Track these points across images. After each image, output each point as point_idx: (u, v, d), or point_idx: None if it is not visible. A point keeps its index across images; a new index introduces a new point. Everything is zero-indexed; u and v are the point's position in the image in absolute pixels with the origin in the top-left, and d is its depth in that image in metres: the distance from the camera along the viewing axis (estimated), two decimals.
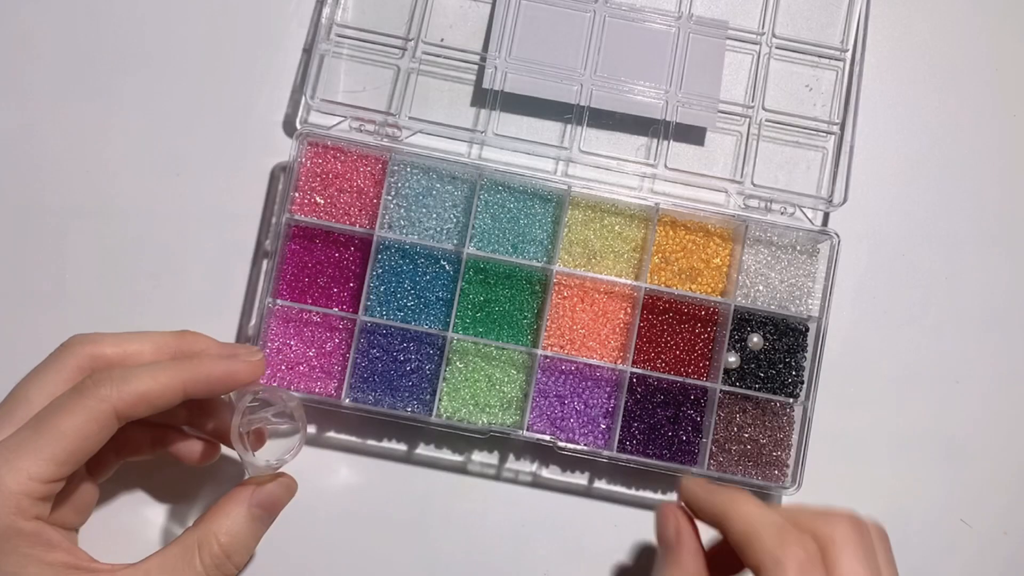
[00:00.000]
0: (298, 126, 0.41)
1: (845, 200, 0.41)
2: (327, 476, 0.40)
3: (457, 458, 0.41)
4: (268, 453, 0.35)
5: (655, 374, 0.40)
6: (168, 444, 0.36)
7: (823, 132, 0.43)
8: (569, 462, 0.41)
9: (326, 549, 0.40)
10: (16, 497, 0.29)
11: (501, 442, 0.41)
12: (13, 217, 0.41)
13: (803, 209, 0.41)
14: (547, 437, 0.39)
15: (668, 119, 0.41)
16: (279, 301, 0.40)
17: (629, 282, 0.40)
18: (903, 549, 0.42)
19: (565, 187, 0.40)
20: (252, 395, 0.34)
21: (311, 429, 0.40)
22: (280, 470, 0.34)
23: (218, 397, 0.36)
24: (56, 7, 0.43)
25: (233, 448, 0.33)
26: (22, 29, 0.43)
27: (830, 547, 0.31)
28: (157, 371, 0.31)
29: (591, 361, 0.40)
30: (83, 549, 0.31)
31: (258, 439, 0.37)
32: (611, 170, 0.42)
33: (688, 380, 0.40)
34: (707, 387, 0.40)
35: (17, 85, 0.42)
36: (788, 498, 0.41)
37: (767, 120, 0.42)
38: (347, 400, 0.39)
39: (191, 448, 0.37)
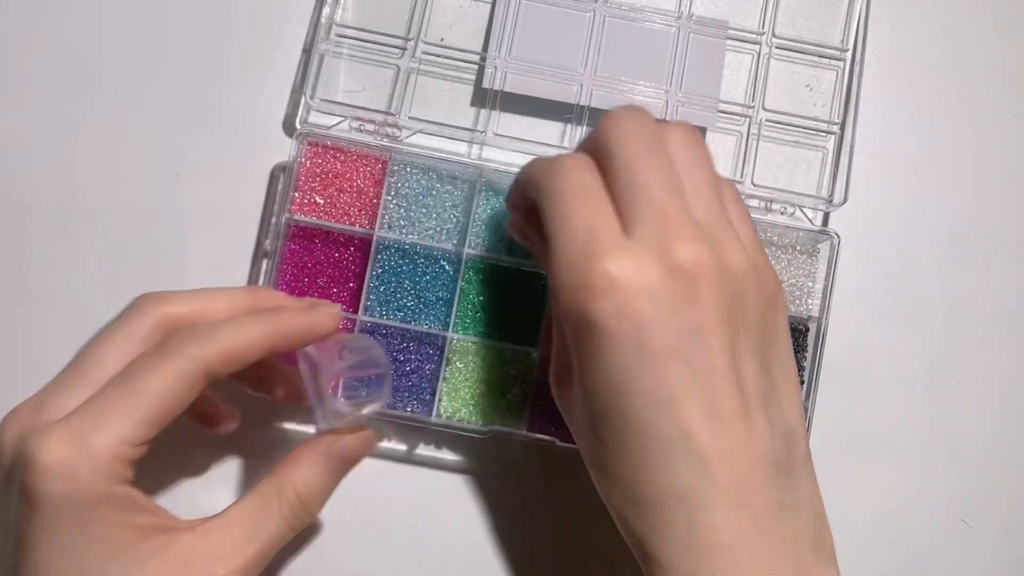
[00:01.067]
0: (298, 126, 0.41)
1: (845, 200, 0.41)
2: None
3: (457, 458, 0.41)
4: (348, 405, 0.34)
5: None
6: (197, 407, 0.35)
7: (823, 132, 0.43)
8: (569, 462, 0.41)
9: (326, 549, 0.40)
10: (108, 461, 0.28)
11: (501, 442, 0.41)
12: (13, 217, 0.41)
13: (803, 209, 0.41)
14: (547, 437, 0.39)
15: (668, 119, 0.41)
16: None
17: None
18: (903, 549, 0.42)
19: None
20: (338, 346, 0.33)
21: (312, 429, 0.40)
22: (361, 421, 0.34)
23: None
24: (56, 7, 0.43)
25: (310, 402, 0.32)
26: (22, 29, 0.43)
27: (600, 138, 0.30)
28: (243, 327, 0.31)
29: None
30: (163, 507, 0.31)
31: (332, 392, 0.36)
32: None
33: None
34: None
35: (17, 85, 0.42)
36: None
37: (767, 120, 0.42)
38: (344, 400, 0.39)
39: (215, 412, 0.36)
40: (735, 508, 0.27)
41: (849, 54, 0.43)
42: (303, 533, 0.40)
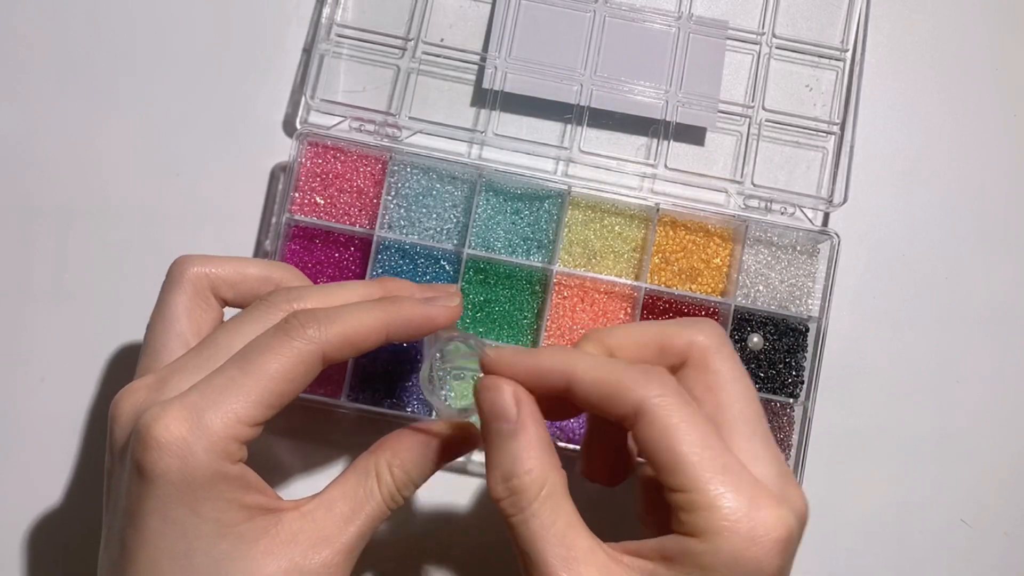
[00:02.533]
0: (298, 126, 0.41)
1: (845, 200, 0.41)
2: (327, 476, 0.40)
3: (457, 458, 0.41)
4: (457, 399, 0.34)
5: None
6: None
7: (823, 132, 0.43)
8: (569, 462, 0.41)
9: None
10: (224, 441, 0.27)
11: None
12: (13, 217, 0.41)
13: (803, 209, 0.41)
14: None
15: (668, 119, 0.41)
16: None
17: (629, 282, 0.40)
18: (903, 549, 0.42)
19: (565, 187, 0.40)
20: (446, 340, 0.33)
21: (311, 427, 0.40)
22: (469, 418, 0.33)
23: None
24: (56, 7, 0.43)
25: (423, 392, 0.32)
26: (22, 29, 0.43)
27: (705, 354, 0.30)
28: (362, 312, 0.31)
29: None
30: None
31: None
32: (611, 170, 0.42)
33: None
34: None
35: (17, 85, 0.42)
36: None
37: (767, 120, 0.42)
38: (347, 400, 0.39)
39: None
40: None
41: (849, 54, 0.43)
42: None
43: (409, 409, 0.39)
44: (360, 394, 0.39)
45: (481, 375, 0.31)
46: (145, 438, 0.27)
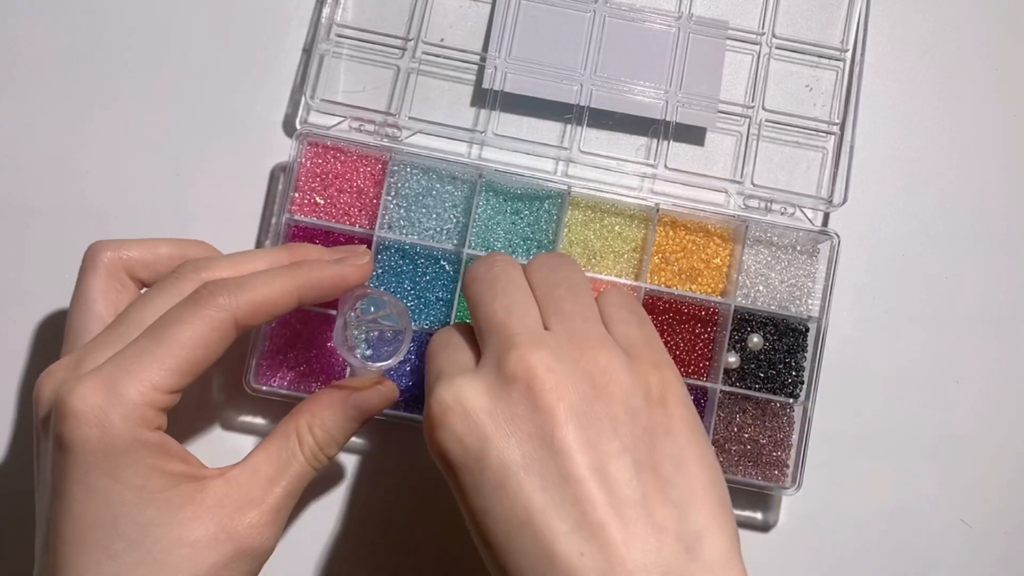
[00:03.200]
0: (298, 126, 0.41)
1: (845, 200, 0.41)
2: (327, 476, 0.40)
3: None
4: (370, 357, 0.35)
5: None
6: None
7: (823, 132, 0.43)
8: None
9: (325, 548, 0.40)
10: (141, 408, 0.28)
11: None
12: (14, 217, 0.41)
13: (803, 209, 0.41)
14: None
15: (668, 119, 0.41)
16: None
17: (629, 282, 0.40)
18: (903, 549, 0.42)
19: (565, 187, 0.40)
20: (359, 297, 0.34)
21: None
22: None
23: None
24: (55, 7, 0.43)
25: (338, 351, 0.33)
26: (20, 28, 0.43)
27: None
28: (272, 278, 0.31)
29: None
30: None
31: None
32: (611, 170, 0.42)
33: (688, 380, 0.40)
34: (707, 387, 0.40)
35: (15, 84, 0.42)
36: (788, 498, 0.41)
37: (767, 120, 0.42)
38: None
39: None
40: None
41: (849, 54, 0.43)
42: (304, 530, 0.40)
43: (408, 409, 0.39)
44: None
45: (395, 323, 0.34)
46: (63, 410, 0.28)
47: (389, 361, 0.34)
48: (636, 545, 0.25)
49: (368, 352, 0.34)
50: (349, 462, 0.40)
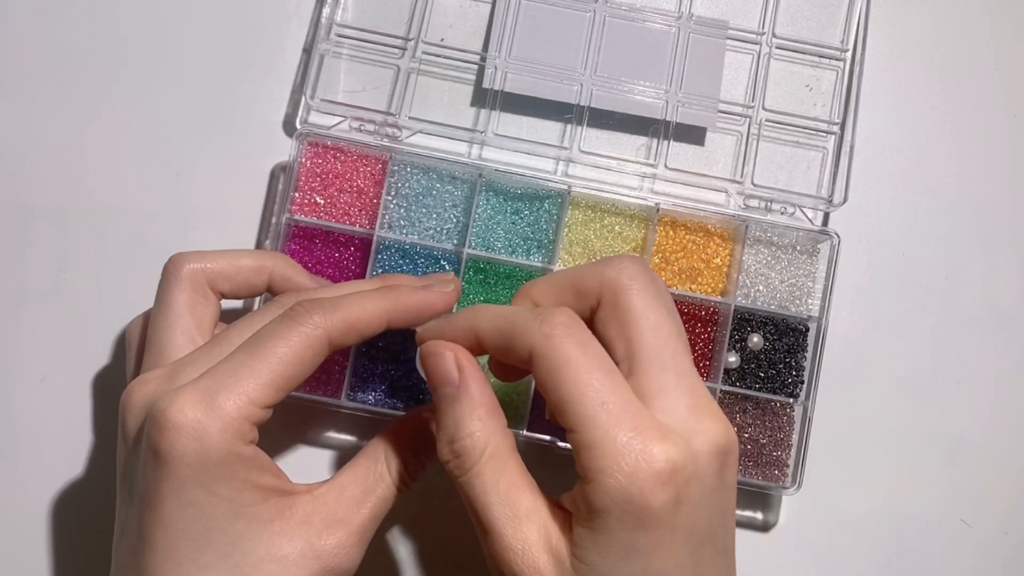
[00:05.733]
0: (298, 126, 0.41)
1: (845, 200, 0.41)
2: (327, 476, 0.40)
3: None
4: None
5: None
6: None
7: (823, 132, 0.43)
8: (569, 462, 0.41)
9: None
10: (238, 422, 0.28)
11: None
12: (12, 217, 0.41)
13: (803, 209, 0.41)
14: (547, 437, 0.39)
15: (668, 119, 0.41)
16: None
17: None
18: (903, 549, 0.42)
19: (565, 187, 0.40)
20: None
21: (314, 428, 0.40)
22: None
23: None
24: (55, 6, 0.43)
25: (422, 375, 0.33)
26: (20, 28, 0.43)
27: (615, 290, 0.29)
28: (364, 300, 0.32)
29: None
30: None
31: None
32: (611, 170, 0.42)
33: None
34: (708, 387, 0.40)
35: (15, 84, 0.42)
36: (788, 498, 0.41)
37: (767, 120, 0.42)
38: (347, 400, 0.39)
39: None
40: None
41: (849, 54, 0.43)
42: None
43: (408, 409, 0.39)
44: (360, 394, 0.39)
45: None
46: (160, 422, 0.28)
47: None
48: None
49: None
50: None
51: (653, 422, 0.27)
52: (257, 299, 0.40)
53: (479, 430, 0.29)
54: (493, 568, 0.29)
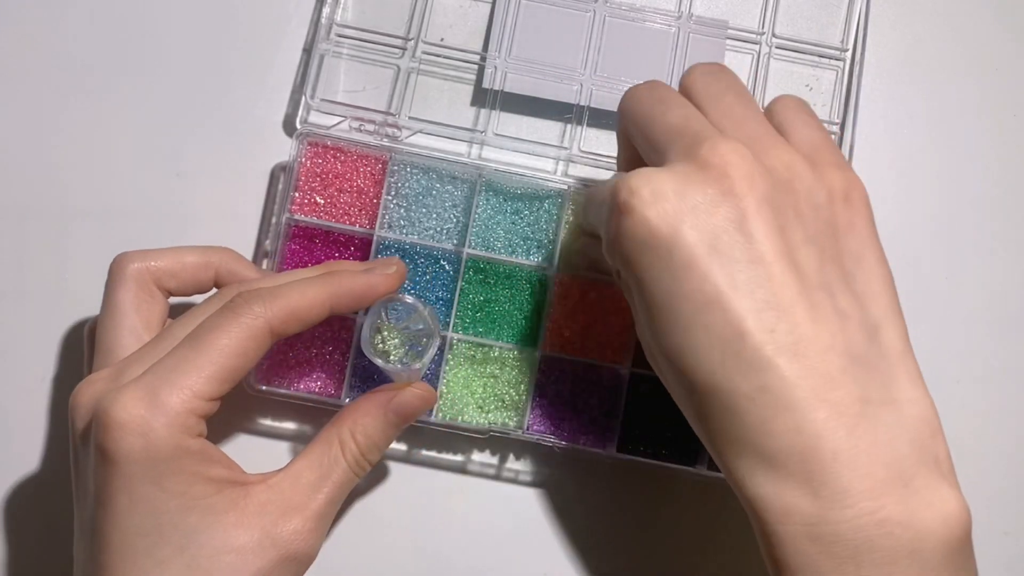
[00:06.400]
0: (298, 126, 0.41)
1: None
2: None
3: (457, 458, 0.41)
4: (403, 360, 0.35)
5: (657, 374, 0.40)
6: None
7: None
8: (569, 462, 0.41)
9: (325, 549, 0.40)
10: (182, 416, 0.28)
11: (501, 442, 0.41)
12: (13, 217, 0.41)
13: None
14: (547, 437, 0.39)
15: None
16: None
17: None
18: None
19: (565, 187, 0.40)
20: (384, 305, 0.34)
21: (311, 428, 0.40)
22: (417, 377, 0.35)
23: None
24: (55, 6, 0.43)
25: (369, 357, 0.34)
26: (21, 29, 0.43)
27: (775, 115, 0.31)
28: (305, 287, 0.32)
29: (592, 361, 0.40)
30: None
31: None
32: (612, 170, 0.42)
33: None
34: None
35: (16, 85, 0.42)
36: None
37: None
38: (347, 400, 0.39)
39: None
40: (810, 405, 0.26)
41: (849, 54, 0.43)
42: None
43: None
44: (360, 394, 0.39)
45: (424, 328, 0.34)
46: (105, 421, 0.28)
47: (420, 363, 0.34)
48: (823, 327, 0.27)
49: (402, 357, 0.34)
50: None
51: (641, 170, 0.29)
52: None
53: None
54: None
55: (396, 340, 0.35)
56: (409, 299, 0.35)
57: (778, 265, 0.27)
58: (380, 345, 0.34)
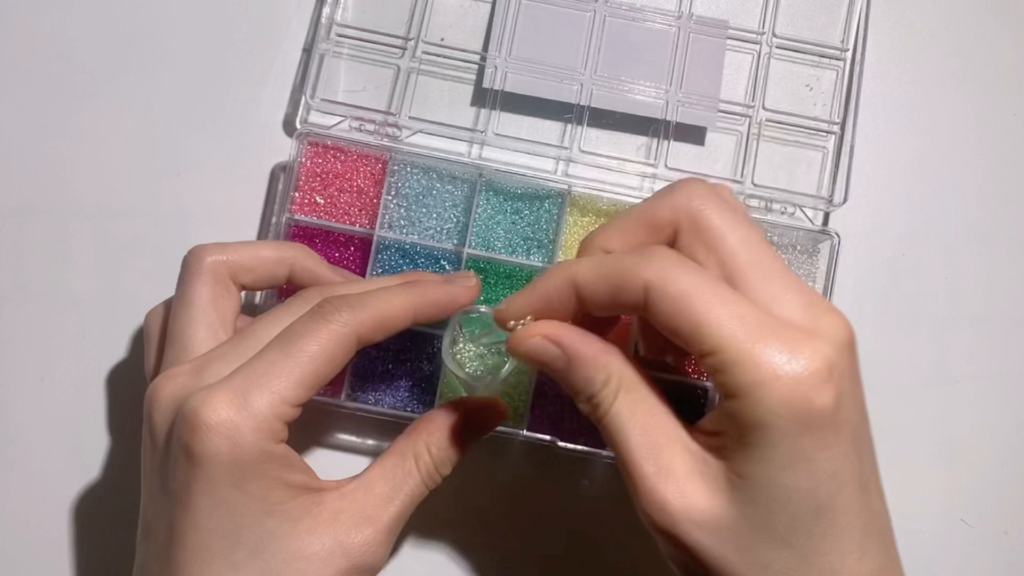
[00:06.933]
0: (298, 126, 0.41)
1: (845, 200, 0.41)
2: (327, 476, 0.40)
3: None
4: (482, 372, 0.35)
5: (657, 374, 0.40)
6: None
7: (823, 132, 0.43)
8: (569, 462, 0.41)
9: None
10: (270, 421, 0.28)
11: (501, 442, 0.40)
12: (12, 216, 0.41)
13: (803, 209, 0.41)
14: (547, 437, 0.39)
15: (668, 119, 0.41)
16: (281, 301, 0.39)
17: None
18: (903, 549, 0.42)
19: (565, 187, 0.40)
20: (463, 315, 0.35)
21: (312, 428, 0.40)
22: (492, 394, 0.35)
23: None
24: (55, 6, 0.43)
25: (449, 368, 0.34)
26: (21, 29, 0.43)
27: (692, 215, 0.29)
28: (391, 296, 0.32)
29: None
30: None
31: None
32: (612, 170, 0.42)
33: (688, 380, 0.40)
34: (707, 387, 0.40)
35: (17, 85, 0.42)
36: None
37: (767, 120, 0.42)
38: (347, 400, 0.39)
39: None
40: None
41: (849, 54, 0.43)
42: None
43: (409, 409, 0.39)
44: (360, 394, 0.39)
45: (501, 343, 0.33)
46: (193, 421, 0.28)
47: (499, 376, 0.34)
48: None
49: (477, 368, 0.34)
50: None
51: (791, 326, 0.27)
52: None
53: (602, 377, 0.28)
54: (641, 512, 0.28)
55: (472, 352, 0.35)
56: (485, 309, 0.35)
57: (873, 449, 0.30)
58: (458, 356, 0.34)
